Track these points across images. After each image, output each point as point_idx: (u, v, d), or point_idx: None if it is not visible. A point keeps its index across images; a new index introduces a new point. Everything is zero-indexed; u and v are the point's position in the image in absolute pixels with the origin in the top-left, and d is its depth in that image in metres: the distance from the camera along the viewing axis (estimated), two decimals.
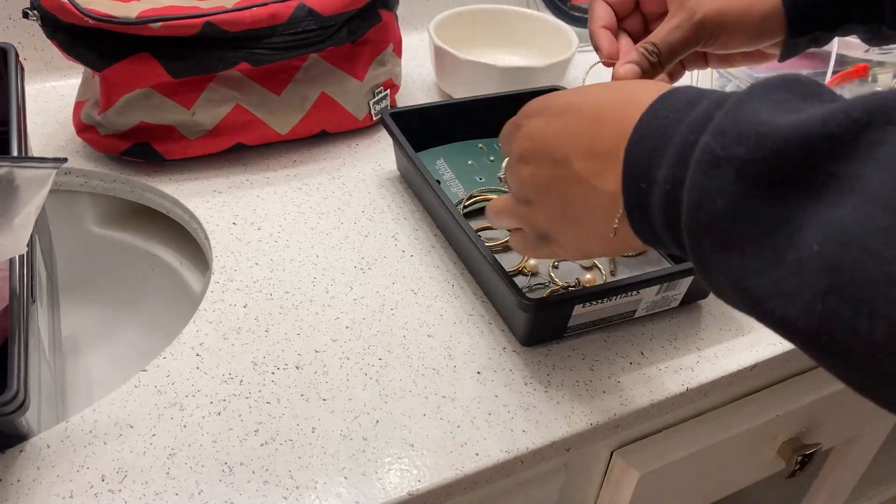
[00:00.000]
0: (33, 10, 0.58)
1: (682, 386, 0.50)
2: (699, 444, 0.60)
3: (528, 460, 0.46)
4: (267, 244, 0.58)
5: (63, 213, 0.67)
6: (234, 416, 0.45)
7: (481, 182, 0.65)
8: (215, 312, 0.52)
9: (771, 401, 0.64)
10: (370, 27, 0.67)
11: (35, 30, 0.73)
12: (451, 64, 0.75)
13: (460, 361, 0.50)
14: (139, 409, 0.45)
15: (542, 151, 0.39)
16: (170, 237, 0.69)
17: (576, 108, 0.38)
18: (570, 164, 0.37)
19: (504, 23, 0.85)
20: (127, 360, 0.68)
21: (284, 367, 0.49)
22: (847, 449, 0.88)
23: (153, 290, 0.70)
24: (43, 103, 0.72)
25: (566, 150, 0.38)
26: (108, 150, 0.64)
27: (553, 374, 0.50)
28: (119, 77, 0.59)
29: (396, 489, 0.42)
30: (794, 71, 0.81)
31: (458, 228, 0.54)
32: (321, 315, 0.53)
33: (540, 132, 0.39)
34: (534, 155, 0.40)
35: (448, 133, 0.68)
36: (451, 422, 0.46)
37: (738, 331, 0.55)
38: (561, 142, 0.38)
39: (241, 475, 0.42)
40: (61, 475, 0.42)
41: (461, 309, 0.54)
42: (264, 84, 0.64)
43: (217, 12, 0.58)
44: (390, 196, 0.65)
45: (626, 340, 0.53)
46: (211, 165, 0.66)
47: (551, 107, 0.40)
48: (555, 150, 0.38)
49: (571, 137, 0.38)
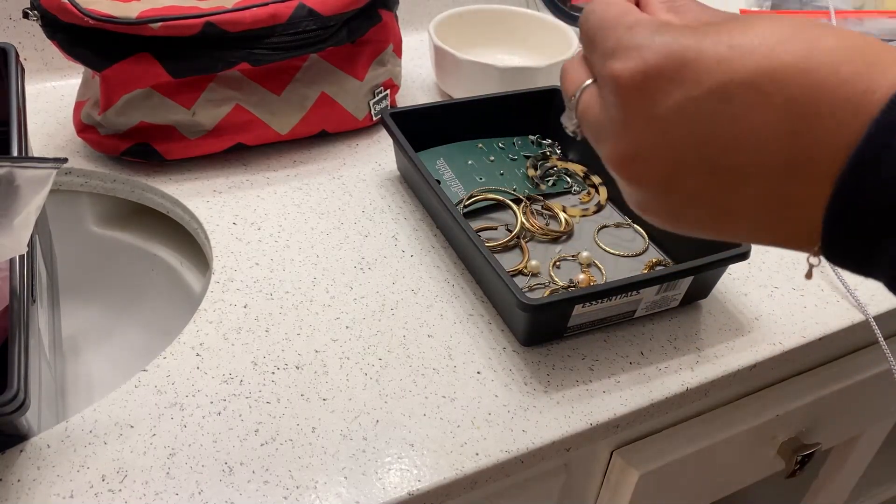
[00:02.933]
0: (33, 10, 0.58)
1: (682, 386, 0.50)
2: (699, 444, 0.60)
3: (528, 460, 0.46)
4: (267, 244, 0.58)
5: (63, 213, 0.67)
6: (235, 415, 0.46)
7: (481, 182, 0.65)
8: (215, 312, 0.52)
9: (771, 401, 0.64)
10: (370, 27, 0.67)
11: (35, 30, 0.73)
12: (451, 64, 0.75)
13: (460, 361, 0.50)
14: (139, 409, 0.45)
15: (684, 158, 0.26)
16: (170, 237, 0.69)
17: (759, 85, 0.23)
18: (745, 182, 0.25)
19: (504, 23, 0.85)
20: (127, 360, 0.68)
21: (284, 367, 0.49)
22: (847, 449, 0.88)
23: (153, 290, 0.70)
24: (43, 103, 0.72)
25: (741, 160, 0.24)
26: (109, 150, 0.64)
27: (553, 374, 0.50)
28: (119, 77, 0.59)
29: (396, 489, 0.42)
30: None
31: (458, 228, 0.54)
32: (321, 315, 0.53)
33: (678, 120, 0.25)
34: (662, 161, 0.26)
35: (448, 133, 0.68)
36: (451, 422, 0.46)
37: (738, 331, 0.55)
38: (732, 144, 0.24)
39: (241, 475, 0.42)
40: (61, 475, 0.42)
41: (461, 309, 0.54)
42: (264, 84, 0.65)
43: (217, 12, 0.58)
44: (390, 196, 0.65)
45: (626, 340, 0.53)
46: (211, 165, 0.66)
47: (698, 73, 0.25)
48: (716, 156, 0.25)
49: (754, 140, 0.24)
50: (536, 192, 0.66)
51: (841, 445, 0.86)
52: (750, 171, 0.25)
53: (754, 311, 0.56)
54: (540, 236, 0.62)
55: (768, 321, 0.56)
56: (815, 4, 0.81)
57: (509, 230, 0.62)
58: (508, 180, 0.66)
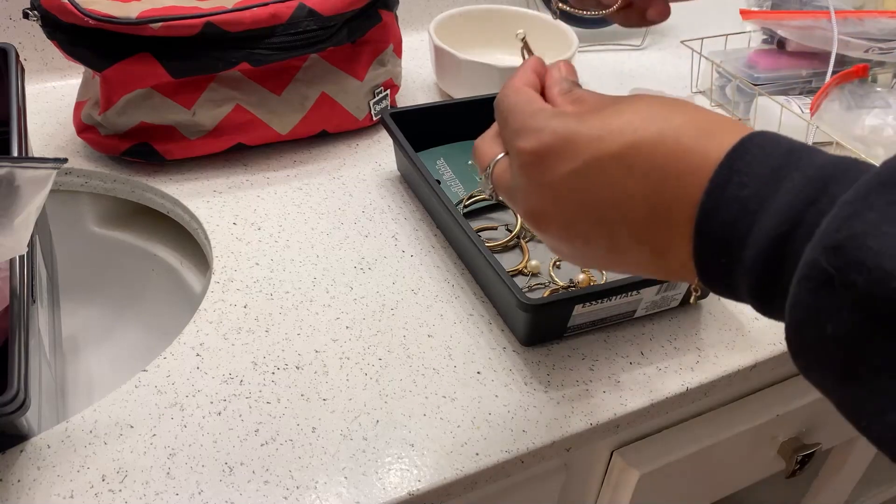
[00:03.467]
0: (33, 11, 0.58)
1: (682, 386, 0.50)
2: (699, 444, 0.60)
3: (528, 460, 0.46)
4: (267, 244, 0.58)
5: (63, 213, 0.67)
6: (235, 416, 0.46)
7: (481, 182, 0.65)
8: (215, 312, 0.52)
9: (771, 401, 0.64)
10: (370, 27, 0.67)
11: (35, 30, 0.73)
12: (451, 64, 0.75)
13: (460, 361, 0.50)
14: (139, 409, 0.45)
15: (574, 214, 0.32)
16: (170, 237, 0.69)
17: (623, 158, 0.30)
18: (621, 230, 0.31)
19: (504, 23, 0.85)
20: (127, 360, 0.68)
21: (284, 367, 0.49)
22: (847, 449, 0.88)
23: (153, 290, 0.70)
24: (43, 103, 0.72)
25: (612, 215, 0.31)
26: (109, 150, 0.64)
27: (553, 374, 0.50)
28: (119, 77, 0.59)
29: (396, 489, 0.42)
30: (794, 72, 0.81)
31: (458, 228, 0.54)
32: (321, 315, 0.53)
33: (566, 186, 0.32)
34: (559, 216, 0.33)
35: (448, 133, 0.68)
36: (451, 422, 0.46)
37: (738, 331, 0.55)
38: (608, 203, 0.31)
39: (241, 475, 0.42)
40: (62, 475, 0.42)
41: (461, 309, 0.54)
42: (265, 84, 0.65)
43: (217, 12, 0.58)
44: (390, 196, 0.65)
45: (625, 340, 0.53)
46: (211, 165, 0.66)
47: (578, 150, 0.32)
48: (594, 213, 0.32)
49: (623, 200, 0.30)
50: None
51: (841, 445, 0.86)
52: (624, 219, 0.31)
53: (754, 311, 0.56)
54: None
55: (768, 321, 0.56)
56: (814, 4, 0.81)
57: (509, 230, 0.62)
58: None
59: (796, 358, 0.27)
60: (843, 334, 0.24)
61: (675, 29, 0.99)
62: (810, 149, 0.28)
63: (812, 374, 0.27)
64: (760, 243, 0.27)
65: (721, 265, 0.28)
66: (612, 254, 0.33)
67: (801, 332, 0.26)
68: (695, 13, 1.02)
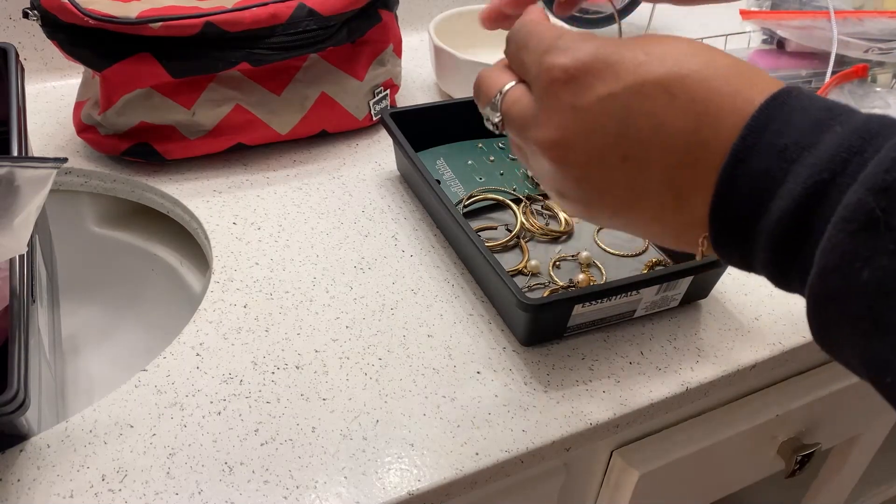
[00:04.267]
0: (33, 10, 0.58)
1: (682, 386, 0.50)
2: (699, 444, 0.60)
3: (528, 460, 0.46)
4: (267, 244, 0.58)
5: (63, 213, 0.67)
6: (235, 415, 0.46)
7: (481, 182, 0.65)
8: (215, 312, 0.52)
9: (771, 401, 0.64)
10: (370, 27, 0.67)
11: (35, 30, 0.73)
12: (451, 64, 0.75)
13: (460, 361, 0.50)
14: (139, 408, 0.45)
15: (603, 145, 0.29)
16: (170, 237, 0.69)
17: (667, 86, 0.28)
18: (650, 168, 0.29)
19: None
20: (127, 360, 0.68)
21: (284, 367, 0.49)
22: (847, 449, 0.88)
23: (153, 290, 0.70)
24: (43, 103, 0.72)
25: (649, 148, 0.28)
26: (109, 150, 0.64)
27: (553, 374, 0.50)
28: (119, 77, 0.59)
29: (396, 489, 0.42)
30: (793, 72, 0.81)
31: (458, 228, 0.54)
32: (321, 315, 0.53)
33: (601, 111, 0.29)
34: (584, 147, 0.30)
35: (448, 133, 0.68)
36: (451, 422, 0.46)
37: (738, 331, 0.55)
38: (642, 134, 0.28)
39: (241, 475, 0.42)
40: (61, 475, 0.42)
41: (461, 309, 0.54)
42: (264, 84, 0.65)
43: (217, 12, 0.58)
44: (390, 196, 0.65)
45: (625, 340, 0.53)
46: (211, 165, 0.66)
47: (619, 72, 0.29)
48: (623, 146, 0.29)
49: (660, 132, 0.28)
50: (536, 192, 0.66)
51: (841, 445, 0.86)
52: (654, 156, 0.28)
53: (754, 311, 0.56)
54: (540, 236, 0.62)
55: (768, 321, 0.56)
56: (814, 4, 0.81)
57: (509, 230, 0.62)
58: (508, 180, 0.66)
59: (819, 311, 0.25)
60: (877, 281, 0.22)
61: (675, 29, 0.99)
62: (849, 107, 0.27)
63: (832, 331, 0.25)
64: (795, 192, 0.25)
65: (740, 219, 0.27)
66: (629, 198, 0.30)
67: (829, 281, 0.24)
68: (695, 13, 1.02)
